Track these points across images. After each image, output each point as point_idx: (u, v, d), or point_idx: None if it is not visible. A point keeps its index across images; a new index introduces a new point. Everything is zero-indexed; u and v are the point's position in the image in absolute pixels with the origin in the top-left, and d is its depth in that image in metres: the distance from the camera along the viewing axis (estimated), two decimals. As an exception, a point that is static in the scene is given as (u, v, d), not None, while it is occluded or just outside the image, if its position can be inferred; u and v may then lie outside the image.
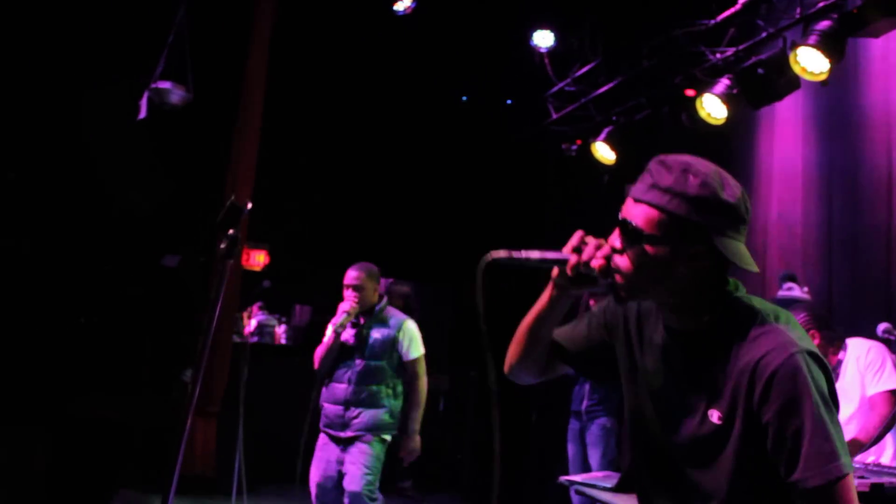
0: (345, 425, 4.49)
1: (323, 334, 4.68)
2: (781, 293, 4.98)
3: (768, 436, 1.57)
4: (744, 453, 1.61)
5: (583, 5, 6.85)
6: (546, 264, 1.75)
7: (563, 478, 4.26)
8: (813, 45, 4.87)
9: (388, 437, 4.57)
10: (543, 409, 7.26)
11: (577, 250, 1.70)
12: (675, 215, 1.57)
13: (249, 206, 1.87)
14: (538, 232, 8.12)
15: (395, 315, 4.67)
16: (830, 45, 4.85)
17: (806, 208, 5.88)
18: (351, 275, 4.56)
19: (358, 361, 4.52)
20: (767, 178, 6.33)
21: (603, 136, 6.81)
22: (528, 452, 7.40)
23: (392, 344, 4.55)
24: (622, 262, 1.64)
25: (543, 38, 7.11)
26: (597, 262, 1.67)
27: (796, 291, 5.00)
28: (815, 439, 1.52)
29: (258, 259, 8.82)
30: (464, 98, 8.36)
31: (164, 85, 5.95)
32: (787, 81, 5.30)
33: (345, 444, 4.51)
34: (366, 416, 4.46)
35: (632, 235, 1.61)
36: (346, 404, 4.48)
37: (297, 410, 5.15)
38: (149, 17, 6.58)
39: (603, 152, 6.86)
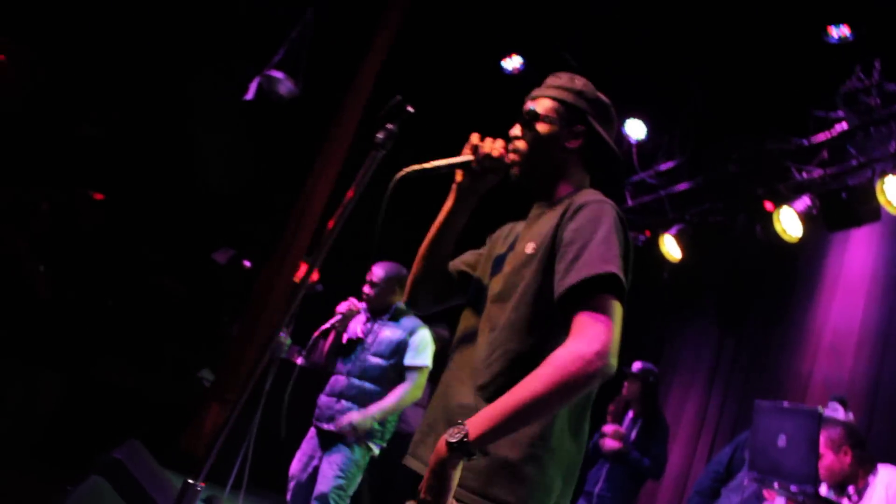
0: (331, 418, 4.17)
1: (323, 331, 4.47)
2: (826, 412, 4.91)
3: (559, 249, 1.78)
4: (541, 275, 1.80)
5: (680, 103, 7.03)
6: (454, 167, 2.03)
7: None
8: (903, 178, 4.96)
9: (374, 448, 4.22)
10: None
11: (476, 150, 2.00)
12: (564, 102, 2.01)
13: (411, 109, 2.00)
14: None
15: (412, 319, 4.41)
16: (921, 181, 4.94)
17: (859, 346, 5.85)
18: (372, 270, 4.41)
19: (362, 356, 4.27)
20: (824, 317, 6.32)
21: (674, 231, 6.89)
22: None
23: (400, 347, 4.28)
24: (521, 143, 2.01)
25: (635, 129, 7.27)
26: (497, 151, 1.98)
27: (840, 414, 4.93)
28: (598, 248, 1.71)
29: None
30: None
31: (278, 74, 6.23)
32: (869, 210, 5.37)
33: (327, 440, 4.18)
34: (354, 414, 4.12)
35: (531, 119, 2.00)
36: (339, 396, 4.21)
37: (307, 425, 5.03)
38: (273, 7, 6.91)
39: (670, 248, 6.93)
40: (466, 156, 2.01)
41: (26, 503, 4.99)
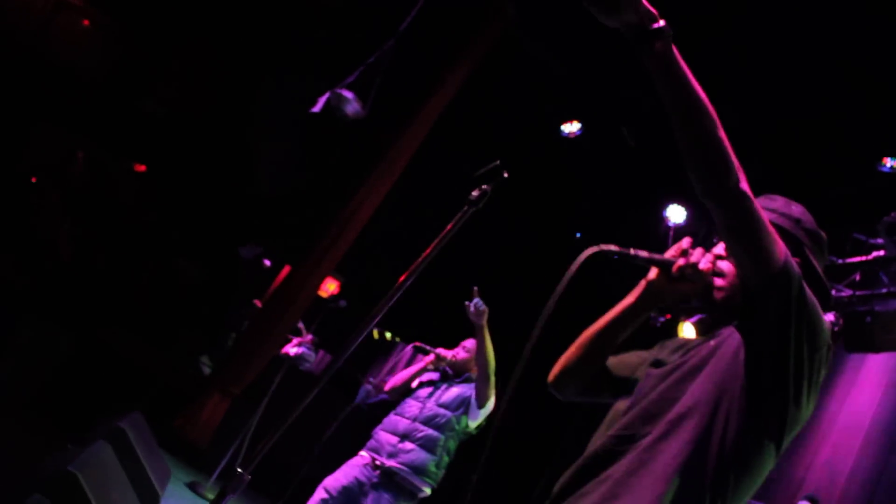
0: (393, 454, 4.44)
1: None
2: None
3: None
4: (733, 357, 1.68)
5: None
6: (652, 263, 1.87)
7: None
8: (930, 316, 5.09)
9: (424, 493, 4.52)
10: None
11: (685, 254, 1.84)
12: (781, 228, 1.78)
13: (506, 175, 1.97)
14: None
15: None
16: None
17: (856, 466, 5.92)
18: (470, 340, 4.76)
19: (429, 405, 4.59)
20: (828, 426, 6.40)
21: (694, 319, 7.01)
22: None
23: (465, 401, 4.61)
24: (726, 266, 1.81)
25: (676, 214, 7.44)
26: (705, 265, 1.80)
27: (810, 513, 5.03)
28: None
29: (329, 287, 9.10)
30: (578, 234, 8.63)
31: (347, 94, 6.40)
32: (890, 340, 5.48)
33: (381, 474, 4.43)
34: (417, 454, 4.43)
35: None
36: (403, 437, 4.48)
37: (303, 435, 5.07)
38: (352, 30, 7.13)
39: (688, 332, 7.03)
40: (671, 257, 1.85)
41: (23, 453, 5.09)
